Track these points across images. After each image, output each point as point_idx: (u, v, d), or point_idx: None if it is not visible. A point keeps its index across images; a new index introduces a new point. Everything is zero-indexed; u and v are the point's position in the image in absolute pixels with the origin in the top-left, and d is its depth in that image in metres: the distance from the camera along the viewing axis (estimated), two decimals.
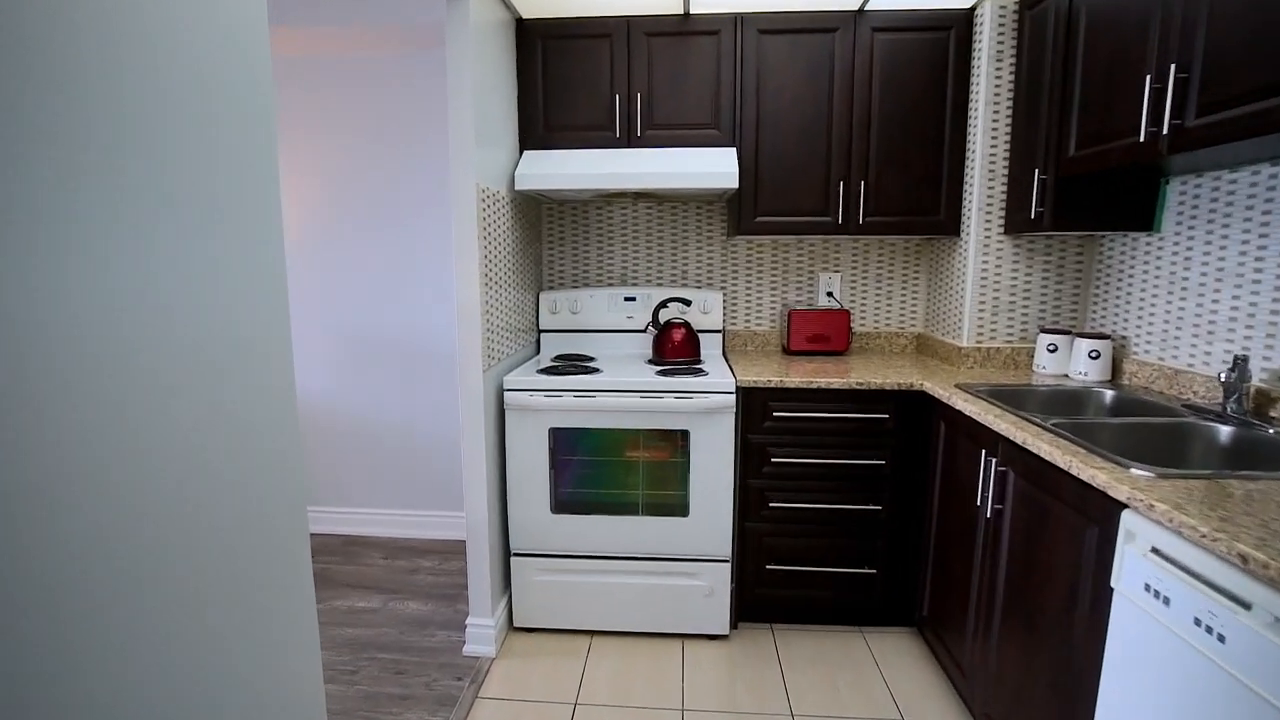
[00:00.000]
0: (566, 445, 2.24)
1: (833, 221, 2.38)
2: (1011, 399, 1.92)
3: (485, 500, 2.12)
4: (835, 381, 2.11)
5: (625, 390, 2.15)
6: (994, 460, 1.60)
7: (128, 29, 0.52)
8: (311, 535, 3.27)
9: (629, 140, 2.38)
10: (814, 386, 2.11)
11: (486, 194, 2.05)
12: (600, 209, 2.79)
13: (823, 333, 2.56)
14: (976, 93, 2.23)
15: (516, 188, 2.25)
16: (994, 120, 2.19)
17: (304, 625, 0.78)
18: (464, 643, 2.22)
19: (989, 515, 1.60)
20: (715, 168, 2.23)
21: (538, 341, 2.79)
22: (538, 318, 2.77)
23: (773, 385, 2.13)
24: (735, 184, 2.22)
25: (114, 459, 0.50)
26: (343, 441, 3.05)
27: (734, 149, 2.33)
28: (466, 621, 2.19)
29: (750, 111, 2.33)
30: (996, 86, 2.17)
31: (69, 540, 0.46)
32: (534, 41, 2.35)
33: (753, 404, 2.16)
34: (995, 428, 1.59)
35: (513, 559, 2.27)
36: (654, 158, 2.29)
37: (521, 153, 2.39)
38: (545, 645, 2.26)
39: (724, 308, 2.79)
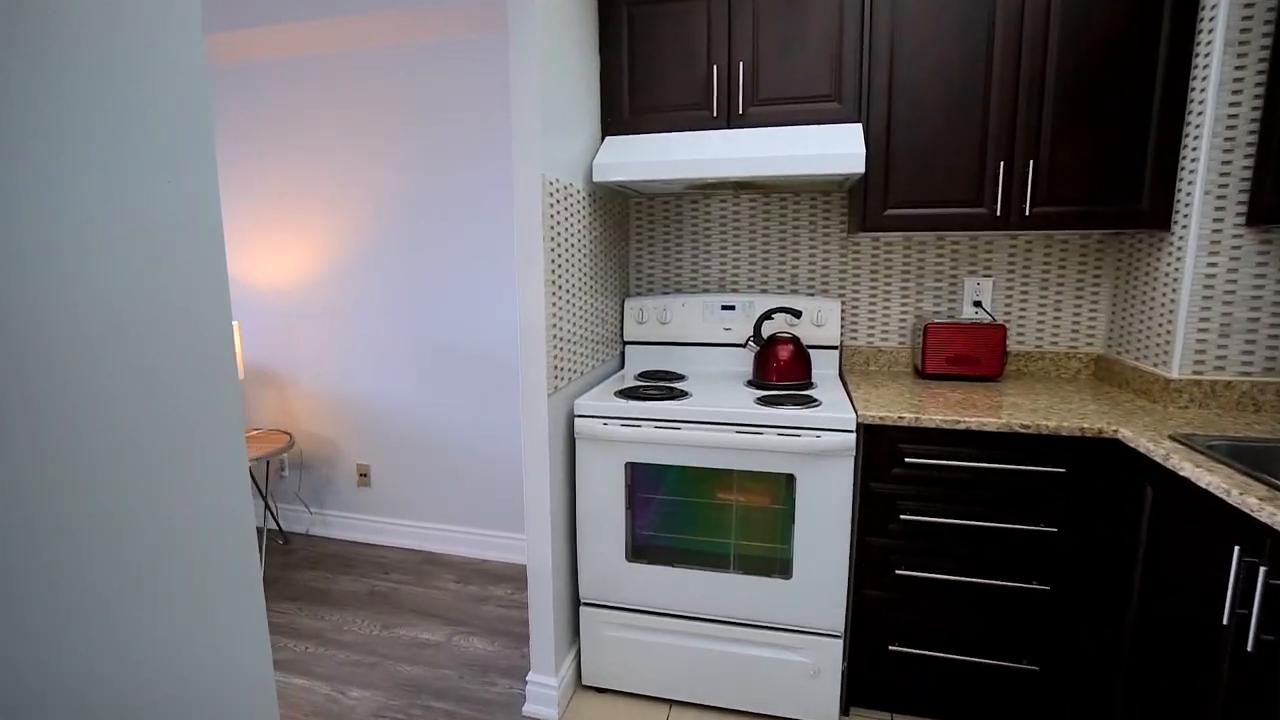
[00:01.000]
0: (646, 482, 1.90)
1: (988, 213, 1.86)
2: (1273, 464, 1.35)
3: (549, 540, 1.83)
4: (989, 422, 1.61)
5: (717, 423, 1.78)
6: (1259, 566, 1.07)
7: None
8: (388, 549, 3.20)
9: (728, 120, 1.99)
10: (960, 428, 1.63)
11: (556, 188, 1.75)
12: (696, 203, 2.42)
13: (969, 353, 2.05)
14: (1209, 30, 1.64)
15: (595, 180, 1.94)
16: (1239, 66, 1.59)
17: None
18: (524, 700, 1.95)
19: (1250, 647, 1.07)
20: (835, 148, 1.80)
21: (622, 354, 2.48)
22: (622, 327, 2.46)
23: (905, 424, 1.67)
24: (860, 168, 1.77)
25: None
26: (423, 453, 2.90)
27: (859, 125, 1.88)
28: (527, 678, 1.92)
29: (881, 78, 1.87)
30: (1246, 19, 1.57)
31: None
32: (618, 10, 2.03)
33: (878, 445, 1.72)
34: (1259, 515, 1.06)
35: (582, 608, 1.97)
36: (758, 139, 1.90)
37: (603, 140, 2.08)
38: (617, 710, 1.94)
39: (842, 319, 2.34)
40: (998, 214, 1.85)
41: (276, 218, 2.90)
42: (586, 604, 1.97)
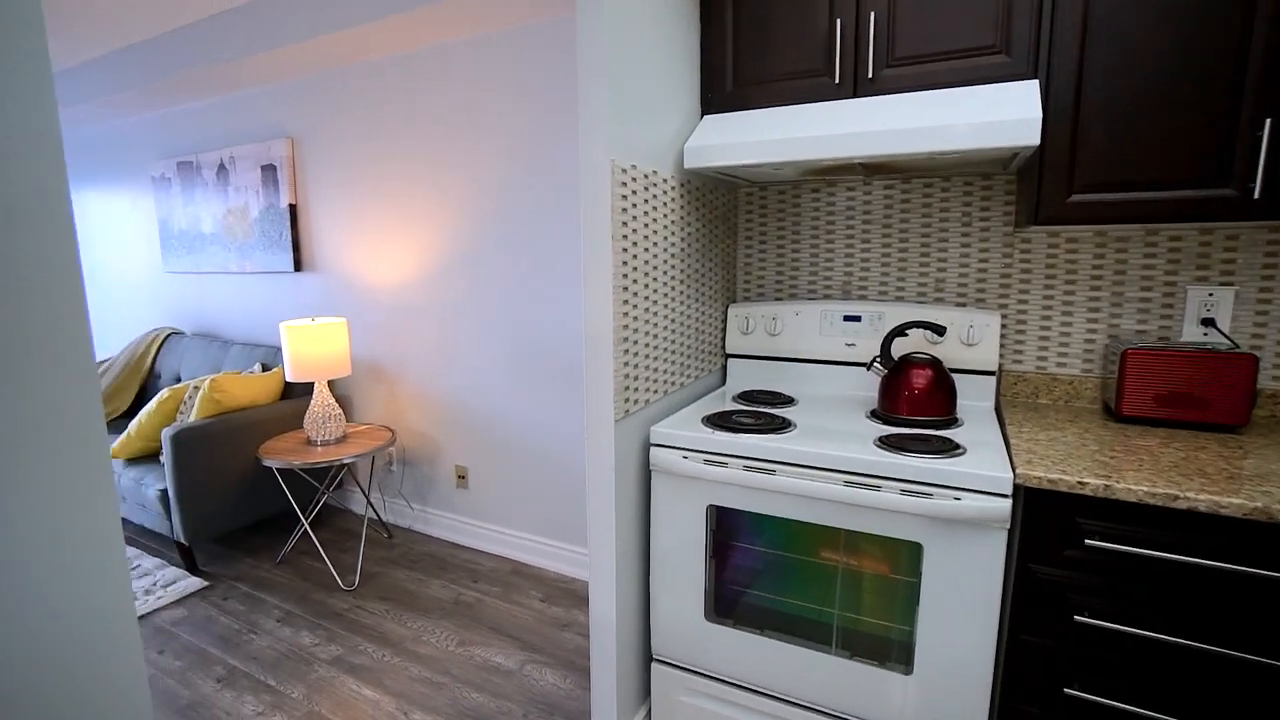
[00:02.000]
0: (733, 528, 1.58)
1: (1237, 196, 1.31)
2: None
3: (614, 587, 1.57)
4: (1230, 503, 1.10)
5: (822, 469, 1.41)
6: None
7: None
8: (481, 554, 3.13)
9: (855, 87, 1.60)
10: (1179, 506, 1.13)
11: (633, 176, 1.48)
12: (816, 191, 2.03)
13: (1194, 391, 1.48)
14: None
15: (687, 166, 1.65)
16: None
17: None
18: None
19: None
20: (1001, 113, 1.35)
21: (723, 369, 2.16)
22: (724, 337, 2.14)
23: (1088, 493, 1.20)
24: (1035, 139, 1.31)
25: None
26: (517, 458, 2.79)
27: (1035, 81, 1.41)
28: None
29: (1069, 20, 1.38)
30: None
31: None
32: None
33: (1046, 517, 1.26)
34: None
35: (653, 666, 1.70)
36: (894, 109, 1.49)
37: (701, 120, 1.77)
38: None
39: (1002, 338, 1.84)
40: (1255, 196, 1.29)
41: (389, 217, 2.92)
42: (659, 661, 1.69)
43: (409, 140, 2.79)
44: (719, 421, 1.62)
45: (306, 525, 2.65)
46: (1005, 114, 1.34)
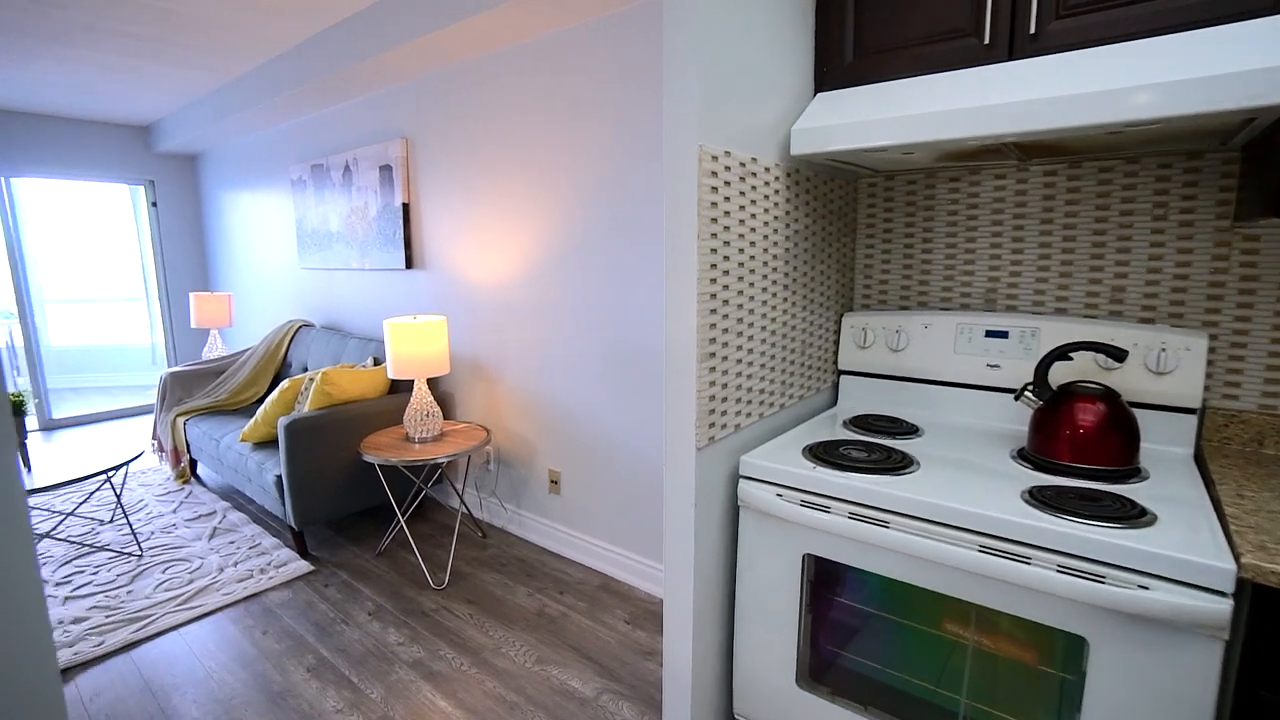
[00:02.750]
0: (835, 581, 1.33)
1: None
2: None
3: (691, 634, 1.37)
4: None
5: (953, 526, 1.13)
6: None
7: None
8: (571, 564, 3.02)
9: (1011, 47, 1.28)
10: None
11: (727, 164, 1.27)
12: (956, 180, 1.70)
13: None
14: None
15: (795, 152, 1.40)
16: None
17: None
18: None
19: None
20: (1232, 63, 0.99)
21: (835, 387, 1.88)
22: (837, 351, 1.86)
23: None
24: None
25: None
26: (609, 468, 2.66)
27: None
28: None
29: None
30: None
31: None
32: None
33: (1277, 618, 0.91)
34: None
35: None
36: (1067, 69, 1.16)
37: (814, 99, 1.52)
38: None
39: (1209, 366, 1.42)
40: None
41: (492, 215, 2.89)
42: None
43: (511, 136, 2.74)
44: (823, 454, 1.37)
45: (402, 522, 2.68)
46: (1239, 62, 0.98)
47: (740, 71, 1.28)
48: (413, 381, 3.20)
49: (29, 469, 2.70)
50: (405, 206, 3.26)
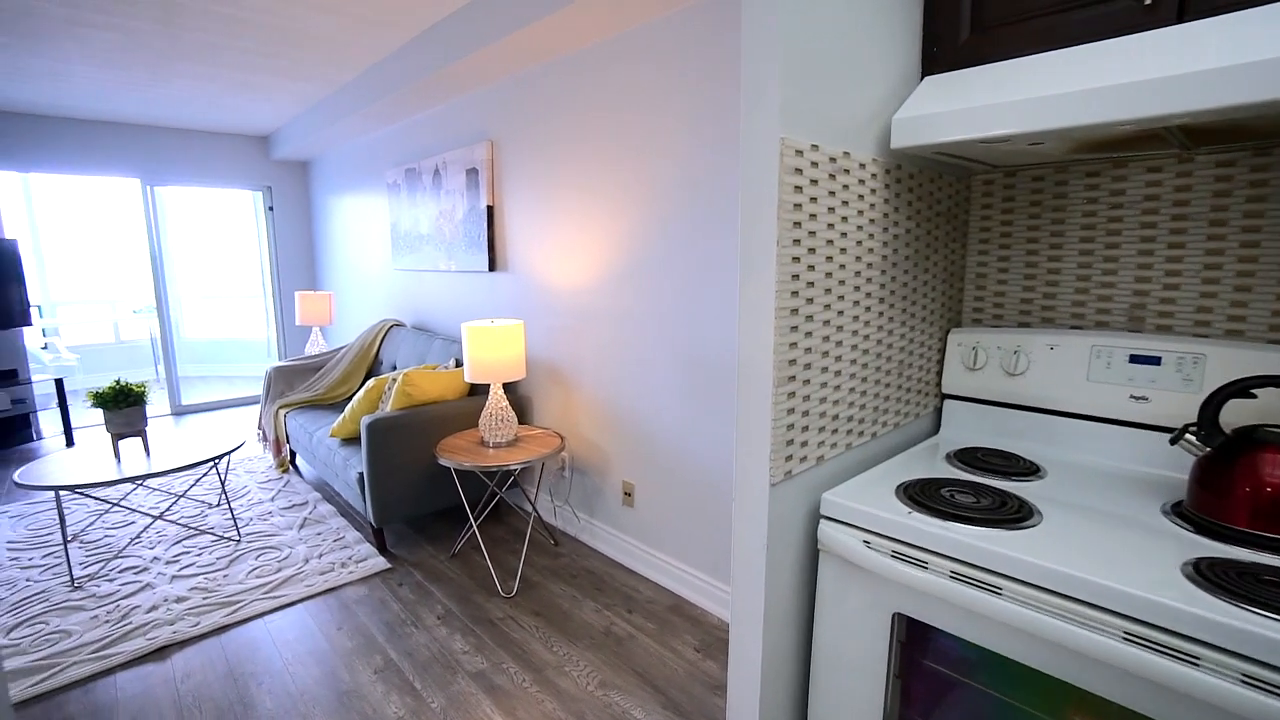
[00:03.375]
0: (931, 647, 1.13)
1: None
2: None
3: (758, 686, 1.22)
4: None
5: (1087, 603, 0.91)
6: None
7: None
8: (642, 580, 2.89)
9: (1181, 7, 1.03)
10: None
11: (814, 159, 1.11)
12: (1095, 175, 1.44)
13: None
14: None
15: (896, 144, 1.21)
16: None
17: None
18: None
19: None
20: None
21: (937, 413, 1.66)
22: (940, 372, 1.63)
23: None
24: None
25: None
26: (683, 483, 2.52)
27: None
28: None
29: None
30: None
31: None
32: None
33: None
34: None
35: None
36: (1257, 28, 0.91)
37: (921, 83, 1.31)
38: None
39: None
40: None
41: (571, 217, 2.83)
42: None
43: (589, 136, 2.66)
44: (921, 496, 1.17)
45: (475, 527, 2.67)
46: None
47: (831, 53, 1.11)
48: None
49: (148, 454, 2.92)
50: (489, 209, 3.27)
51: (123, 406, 2.76)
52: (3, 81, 3.69)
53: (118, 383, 2.79)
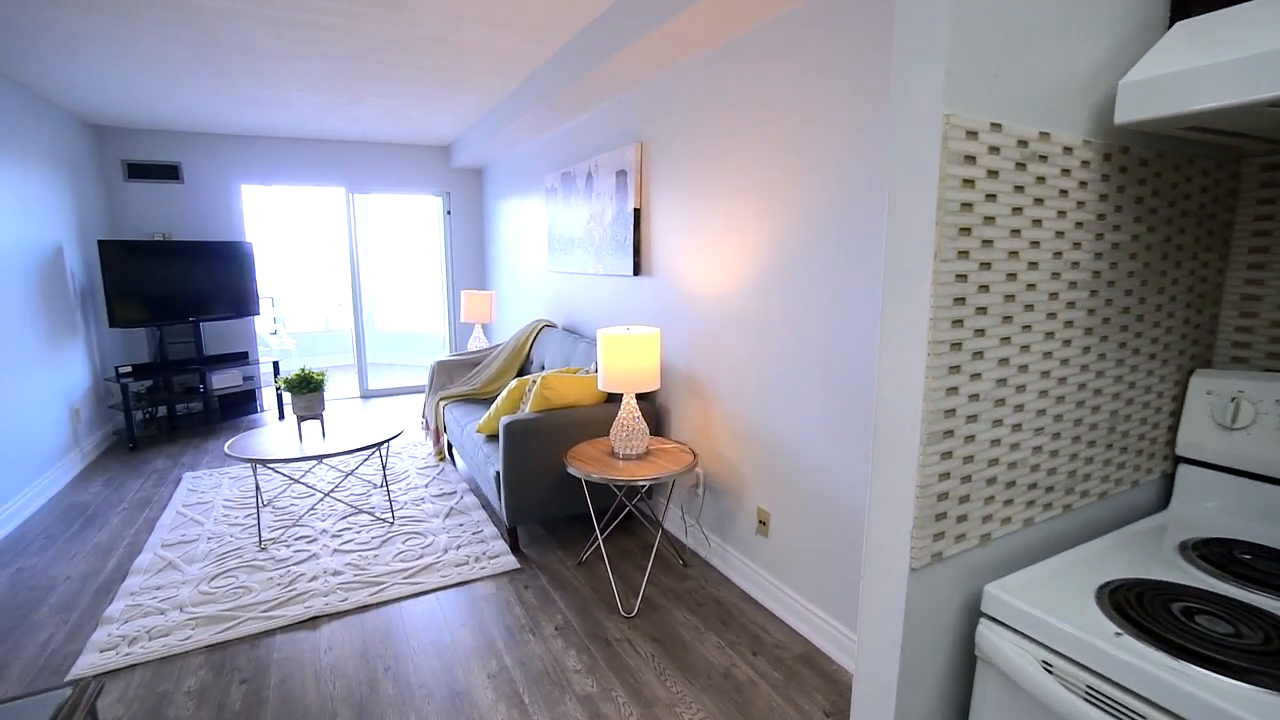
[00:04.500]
0: None
1: None
2: None
3: None
4: None
5: None
6: None
7: None
8: (772, 619, 2.60)
9: None
10: None
11: (993, 143, 0.82)
12: None
13: None
14: None
15: (1122, 119, 0.88)
16: None
17: None
18: None
19: None
20: None
21: (1166, 482, 1.24)
22: (1176, 427, 1.22)
23: None
24: None
25: None
26: (822, 518, 2.24)
27: None
28: None
29: None
30: None
31: None
32: None
33: None
34: None
35: None
36: None
37: (1168, 31, 0.95)
38: None
39: None
40: None
41: (715, 220, 2.65)
42: None
43: (733, 135, 2.45)
44: (1139, 608, 0.84)
45: (600, 540, 2.60)
46: None
47: None
48: None
49: (323, 435, 3.24)
50: (636, 211, 3.20)
51: (305, 391, 3.07)
52: (245, 110, 4.35)
53: (302, 370, 3.12)
